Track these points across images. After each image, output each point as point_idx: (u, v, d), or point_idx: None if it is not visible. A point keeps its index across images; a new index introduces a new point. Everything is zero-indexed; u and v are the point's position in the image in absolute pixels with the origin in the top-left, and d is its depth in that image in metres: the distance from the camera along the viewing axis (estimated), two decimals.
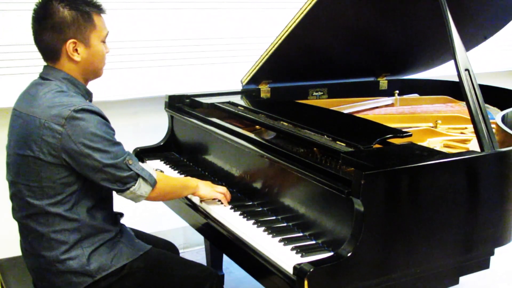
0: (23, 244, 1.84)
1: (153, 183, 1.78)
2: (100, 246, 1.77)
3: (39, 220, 1.73)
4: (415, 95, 3.02)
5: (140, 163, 1.78)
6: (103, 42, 1.83)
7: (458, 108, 2.69)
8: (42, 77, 1.79)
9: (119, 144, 1.74)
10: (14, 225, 1.89)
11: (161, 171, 2.18)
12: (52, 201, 1.70)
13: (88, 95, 1.85)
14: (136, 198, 1.77)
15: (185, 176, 2.31)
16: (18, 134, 1.74)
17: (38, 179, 1.70)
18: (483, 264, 1.84)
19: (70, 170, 1.69)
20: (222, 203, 2.01)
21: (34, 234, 1.75)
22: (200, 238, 3.10)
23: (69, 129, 1.64)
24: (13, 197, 1.81)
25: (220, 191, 2.01)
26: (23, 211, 1.76)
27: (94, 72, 1.85)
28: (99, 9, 1.81)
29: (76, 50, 1.75)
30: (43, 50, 1.77)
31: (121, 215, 1.95)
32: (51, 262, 1.73)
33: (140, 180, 1.74)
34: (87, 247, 1.75)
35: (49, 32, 1.72)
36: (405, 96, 2.96)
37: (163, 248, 2.04)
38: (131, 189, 1.73)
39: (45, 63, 1.83)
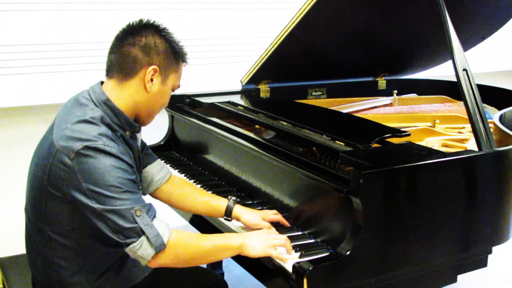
0: (28, 249, 1.76)
1: (157, 246, 1.50)
2: (107, 271, 1.66)
3: (44, 242, 1.63)
4: (414, 95, 3.03)
5: (156, 220, 1.53)
6: (175, 88, 1.73)
7: (456, 108, 2.70)
8: (89, 92, 1.64)
9: (132, 192, 1.52)
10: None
11: (236, 201, 1.85)
12: (55, 229, 1.60)
13: (130, 127, 1.66)
14: (137, 257, 1.52)
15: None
16: (39, 151, 1.64)
17: (43, 206, 1.59)
18: (481, 263, 1.84)
19: (74, 206, 1.54)
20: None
21: (38, 252, 1.67)
22: None
23: (77, 165, 1.49)
24: (26, 208, 1.72)
25: (277, 243, 1.62)
26: (32, 228, 1.67)
27: (147, 115, 1.69)
28: (185, 58, 1.73)
29: (152, 80, 1.63)
30: (119, 63, 1.61)
31: None
32: (57, 281, 1.65)
33: (143, 238, 1.49)
34: (91, 273, 1.64)
35: (138, 49, 1.60)
36: (403, 96, 2.97)
37: None
38: (131, 246, 1.49)
39: (103, 79, 1.68)
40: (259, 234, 1.66)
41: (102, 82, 1.68)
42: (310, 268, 1.46)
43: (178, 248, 1.54)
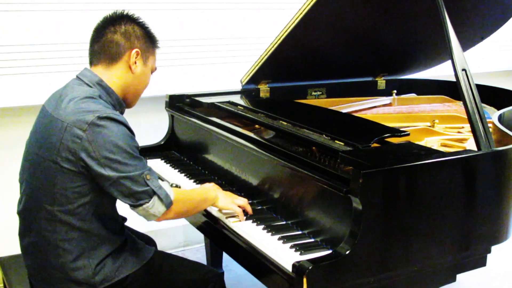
0: (24, 242, 1.79)
1: (168, 204, 1.70)
2: (106, 258, 1.73)
3: (48, 225, 1.69)
4: (413, 95, 3.03)
5: (160, 181, 1.71)
6: (153, 71, 1.91)
7: (455, 108, 2.70)
8: (78, 77, 1.79)
9: (140, 158, 1.68)
10: (15, 223, 1.90)
11: (178, 186, 2.07)
12: (62, 208, 1.66)
13: (120, 106, 1.83)
14: (148, 216, 1.70)
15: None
16: (40, 133, 1.72)
17: (51, 184, 1.66)
18: (480, 262, 1.85)
19: (84, 180, 1.65)
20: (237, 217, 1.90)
21: (41, 237, 1.71)
22: (200, 236, 3.11)
23: (90, 135, 1.61)
24: (24, 196, 1.77)
25: (240, 203, 1.91)
26: (33, 213, 1.72)
27: (134, 95, 1.87)
28: (158, 43, 1.92)
29: (136, 63, 1.81)
30: (104, 50, 1.78)
31: (124, 219, 1.93)
32: (56, 268, 1.70)
33: (155, 198, 1.67)
34: (94, 258, 1.71)
35: (120, 36, 1.78)
36: (402, 96, 2.97)
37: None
38: (144, 206, 1.66)
39: (88, 66, 1.84)
40: (228, 193, 1.95)
41: (85, 69, 1.82)
42: (310, 267, 1.46)
43: (179, 203, 1.75)
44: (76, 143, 1.61)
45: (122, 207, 2.00)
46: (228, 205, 1.90)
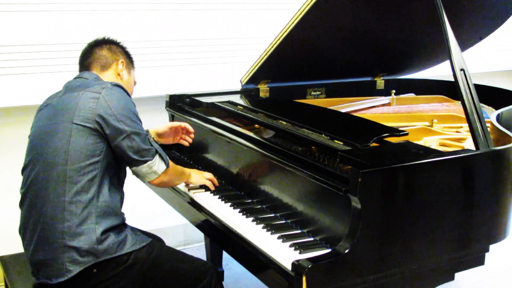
0: (28, 226, 1.83)
1: (167, 163, 1.92)
2: (110, 230, 1.80)
3: (58, 186, 1.77)
4: (412, 95, 3.04)
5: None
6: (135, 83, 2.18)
7: (454, 107, 2.71)
8: (75, 78, 1.99)
9: (141, 123, 1.89)
10: (16, 222, 1.91)
11: None
12: (74, 167, 1.77)
13: None
14: (148, 174, 1.89)
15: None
16: (52, 111, 1.88)
17: (66, 143, 1.78)
18: (478, 261, 1.84)
19: (97, 138, 1.80)
20: (209, 191, 2.14)
21: (48, 202, 1.77)
22: (200, 235, 3.13)
23: (106, 95, 1.82)
24: (32, 161, 1.85)
25: (207, 177, 2.17)
26: (43, 175, 1.80)
27: None
28: (133, 64, 2.18)
29: (122, 70, 2.07)
30: (95, 60, 2.03)
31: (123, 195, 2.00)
32: (61, 233, 1.75)
33: (157, 157, 1.89)
34: (99, 224, 1.78)
35: (106, 51, 2.05)
36: (401, 96, 2.98)
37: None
38: (149, 162, 1.86)
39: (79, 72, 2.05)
40: (197, 171, 2.21)
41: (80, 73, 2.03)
42: (309, 266, 1.46)
43: (172, 168, 1.98)
44: (93, 102, 1.81)
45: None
46: (199, 180, 2.15)
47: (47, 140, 1.83)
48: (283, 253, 1.64)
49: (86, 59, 2.04)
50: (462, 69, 1.88)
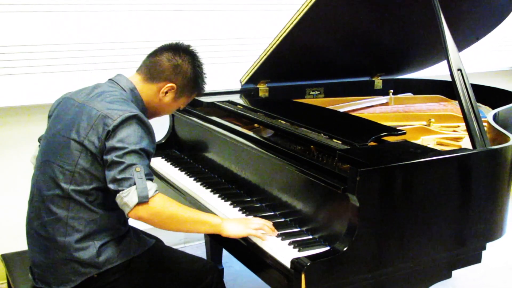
0: (33, 226, 1.83)
1: (141, 197, 1.64)
2: (110, 241, 1.80)
3: (61, 203, 1.76)
4: (409, 94, 3.04)
5: (150, 182, 1.68)
6: (179, 108, 2.01)
7: (451, 107, 2.71)
8: (112, 80, 1.90)
9: (143, 158, 1.70)
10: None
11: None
12: (78, 188, 1.74)
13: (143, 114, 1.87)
14: (122, 206, 1.67)
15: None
16: (70, 120, 1.80)
17: (73, 164, 1.74)
18: (475, 258, 1.85)
19: (102, 166, 1.72)
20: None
21: (52, 216, 1.77)
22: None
23: (118, 125, 1.69)
24: (40, 176, 1.83)
25: (255, 227, 1.75)
26: (48, 192, 1.79)
27: (152, 114, 1.97)
28: (202, 91, 2.02)
29: (167, 93, 1.90)
30: (150, 66, 1.89)
31: None
32: (63, 247, 1.76)
33: (132, 188, 1.64)
34: (98, 240, 1.77)
35: (170, 65, 1.88)
36: (399, 95, 2.98)
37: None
38: (120, 193, 1.65)
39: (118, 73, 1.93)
40: (238, 219, 1.84)
41: (120, 74, 1.93)
42: (308, 264, 1.47)
43: (158, 206, 1.67)
44: (105, 130, 1.70)
45: None
46: (241, 232, 1.75)
47: (59, 153, 1.79)
48: (282, 251, 1.65)
49: (152, 56, 1.91)
50: (459, 69, 1.89)
